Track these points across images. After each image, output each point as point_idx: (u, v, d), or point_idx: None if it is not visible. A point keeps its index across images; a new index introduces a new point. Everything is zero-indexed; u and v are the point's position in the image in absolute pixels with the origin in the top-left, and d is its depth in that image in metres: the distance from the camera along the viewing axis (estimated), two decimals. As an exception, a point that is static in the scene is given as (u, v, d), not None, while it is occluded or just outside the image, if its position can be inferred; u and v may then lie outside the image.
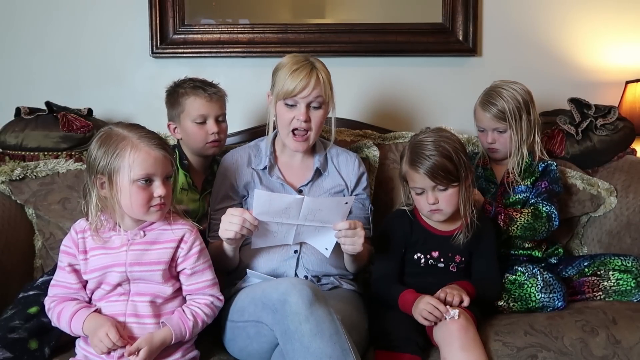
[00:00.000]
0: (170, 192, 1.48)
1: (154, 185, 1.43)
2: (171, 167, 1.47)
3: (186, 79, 1.96)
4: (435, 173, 1.62)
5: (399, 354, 1.52)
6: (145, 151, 1.42)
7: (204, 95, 1.90)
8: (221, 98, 1.95)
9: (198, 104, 1.89)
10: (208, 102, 1.90)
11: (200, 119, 1.89)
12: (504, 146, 1.95)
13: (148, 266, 1.45)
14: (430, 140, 1.66)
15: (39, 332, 1.52)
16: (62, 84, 2.41)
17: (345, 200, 1.56)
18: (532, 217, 1.86)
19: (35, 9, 2.40)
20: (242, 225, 1.53)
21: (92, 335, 1.39)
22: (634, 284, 1.80)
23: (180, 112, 1.91)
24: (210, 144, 1.92)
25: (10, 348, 1.47)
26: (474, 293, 1.63)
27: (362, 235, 1.57)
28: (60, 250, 1.50)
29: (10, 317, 1.55)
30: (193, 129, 1.90)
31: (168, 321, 1.44)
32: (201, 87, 1.91)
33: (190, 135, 1.91)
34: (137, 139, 1.43)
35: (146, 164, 1.41)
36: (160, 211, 1.45)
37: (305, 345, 1.34)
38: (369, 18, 2.43)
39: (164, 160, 1.44)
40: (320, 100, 1.73)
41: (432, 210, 1.67)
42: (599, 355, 1.57)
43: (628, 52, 2.50)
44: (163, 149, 1.45)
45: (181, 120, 1.92)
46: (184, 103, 1.90)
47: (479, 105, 1.97)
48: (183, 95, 1.91)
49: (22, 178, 2.04)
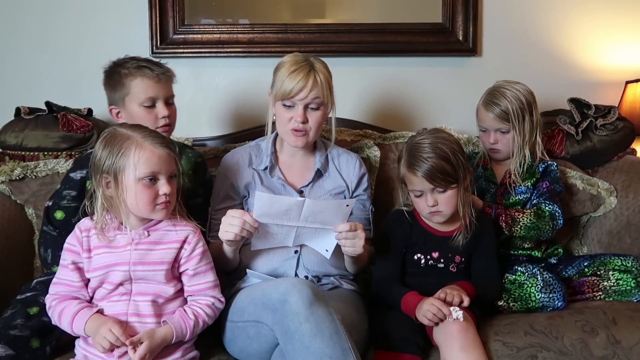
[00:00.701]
0: (175, 190, 1.49)
1: (158, 184, 1.45)
2: (175, 165, 1.48)
3: (127, 58, 1.80)
4: (433, 176, 1.62)
5: (399, 354, 1.52)
6: (150, 150, 1.44)
7: (152, 75, 1.74)
8: (170, 78, 1.80)
9: (145, 85, 1.73)
10: (157, 83, 1.74)
11: (149, 102, 1.73)
12: (506, 147, 1.95)
13: (151, 266, 1.46)
14: (427, 142, 1.65)
15: (40, 331, 1.52)
16: (62, 84, 2.41)
17: (346, 202, 1.56)
18: (535, 217, 1.86)
19: (36, 9, 2.40)
20: (242, 227, 1.53)
21: (95, 333, 1.40)
22: (634, 284, 1.81)
23: (125, 94, 1.75)
24: (160, 129, 1.73)
25: (13, 345, 1.46)
26: (473, 293, 1.63)
27: (362, 237, 1.57)
28: (64, 248, 1.51)
29: (10, 317, 1.55)
30: (141, 113, 1.74)
31: (169, 320, 1.44)
32: (147, 66, 1.75)
33: (138, 120, 1.71)
34: (141, 138, 1.45)
35: (151, 163, 1.43)
36: (165, 209, 1.47)
37: (305, 345, 1.34)
38: (369, 18, 2.43)
39: (168, 159, 1.46)
40: (318, 101, 1.73)
41: (432, 212, 1.67)
42: (599, 355, 1.57)
43: (628, 52, 2.50)
44: (167, 148, 1.47)
45: (126, 104, 1.75)
46: (129, 85, 1.73)
47: (482, 105, 1.97)
48: (127, 75, 1.74)
49: (22, 178, 2.04)
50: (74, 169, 1.78)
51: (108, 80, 1.82)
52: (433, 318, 1.52)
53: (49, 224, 1.74)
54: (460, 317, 1.51)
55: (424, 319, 1.54)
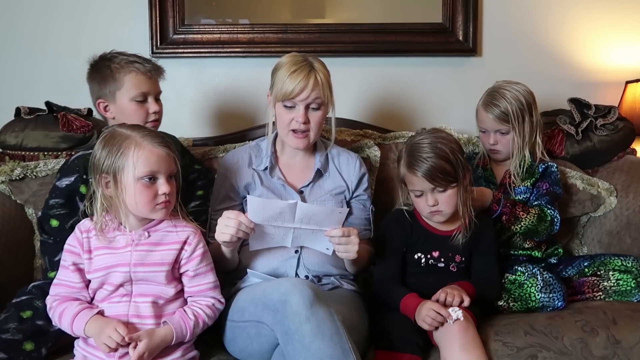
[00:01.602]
0: (175, 190, 1.49)
1: (158, 183, 1.45)
2: (175, 165, 1.48)
3: (115, 53, 1.81)
4: (433, 175, 1.62)
5: (399, 354, 1.52)
6: (149, 149, 1.44)
7: (144, 70, 1.76)
8: (160, 74, 1.83)
9: (139, 81, 1.75)
10: (149, 78, 1.77)
11: (141, 96, 1.75)
12: (506, 148, 1.95)
13: (152, 267, 1.46)
14: (427, 142, 1.66)
15: (33, 334, 1.51)
16: (62, 84, 2.40)
17: (338, 210, 1.56)
18: (537, 219, 1.86)
19: (35, 9, 2.40)
20: (237, 228, 1.53)
21: (99, 334, 1.39)
22: (634, 284, 1.81)
23: (116, 89, 1.75)
24: (150, 124, 1.77)
25: (5, 349, 1.46)
26: (474, 293, 1.63)
27: (356, 242, 1.56)
28: (64, 250, 1.51)
29: (3, 321, 1.54)
30: (131, 107, 1.75)
31: (169, 320, 1.44)
32: (139, 62, 1.77)
33: (129, 114, 1.74)
34: (140, 137, 1.45)
35: (150, 162, 1.43)
36: (165, 209, 1.47)
37: (306, 345, 1.34)
38: (369, 18, 2.43)
39: (167, 158, 1.46)
40: (319, 101, 1.73)
41: (432, 212, 1.67)
42: (599, 355, 1.57)
43: (628, 52, 2.50)
44: (166, 147, 1.47)
45: (117, 98, 1.76)
46: (122, 79, 1.74)
47: (482, 106, 1.97)
48: (119, 70, 1.75)
49: (22, 178, 2.04)
50: (59, 177, 1.77)
51: (96, 73, 1.81)
52: (432, 323, 1.52)
53: (43, 233, 1.74)
54: (460, 317, 1.51)
55: (423, 324, 1.54)
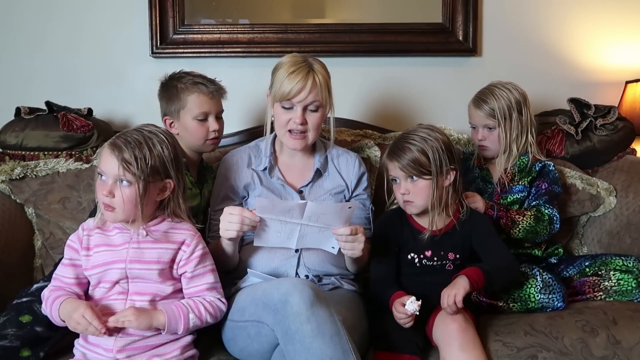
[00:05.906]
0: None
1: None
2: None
3: (183, 73, 1.91)
4: (404, 161, 1.63)
5: (398, 354, 1.52)
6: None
7: (207, 91, 1.86)
8: (222, 95, 1.93)
9: (201, 101, 1.85)
10: (211, 99, 1.86)
11: (202, 116, 1.85)
12: (493, 144, 1.96)
13: (147, 264, 1.46)
14: (412, 133, 1.68)
15: (31, 342, 1.51)
16: (62, 84, 2.41)
17: (348, 205, 1.56)
18: (534, 220, 1.86)
19: (35, 9, 2.40)
20: (242, 223, 1.53)
21: (69, 319, 1.41)
22: (635, 284, 1.81)
23: (180, 107, 1.86)
24: (210, 141, 1.88)
25: (2, 356, 1.46)
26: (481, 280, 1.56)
27: (362, 240, 1.56)
28: (66, 245, 1.53)
29: (2, 325, 1.53)
30: (194, 125, 1.85)
31: (162, 305, 1.46)
32: (203, 83, 1.87)
33: (191, 132, 1.86)
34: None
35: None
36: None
37: (306, 346, 1.34)
38: (369, 18, 2.43)
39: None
40: (317, 103, 1.73)
41: (405, 201, 1.67)
42: (599, 355, 1.57)
43: (628, 52, 2.50)
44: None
45: (180, 116, 1.87)
46: (185, 99, 1.85)
47: (472, 102, 2.00)
48: (184, 90, 1.86)
49: (22, 177, 2.04)
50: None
51: (165, 93, 1.92)
52: (401, 321, 1.54)
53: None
54: (415, 311, 1.50)
55: (399, 322, 1.55)
